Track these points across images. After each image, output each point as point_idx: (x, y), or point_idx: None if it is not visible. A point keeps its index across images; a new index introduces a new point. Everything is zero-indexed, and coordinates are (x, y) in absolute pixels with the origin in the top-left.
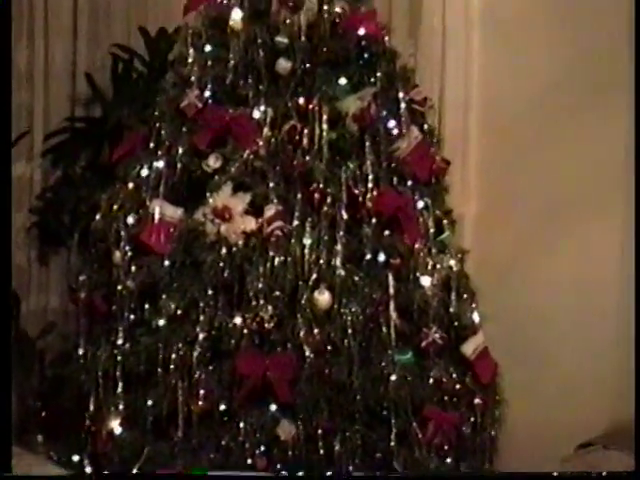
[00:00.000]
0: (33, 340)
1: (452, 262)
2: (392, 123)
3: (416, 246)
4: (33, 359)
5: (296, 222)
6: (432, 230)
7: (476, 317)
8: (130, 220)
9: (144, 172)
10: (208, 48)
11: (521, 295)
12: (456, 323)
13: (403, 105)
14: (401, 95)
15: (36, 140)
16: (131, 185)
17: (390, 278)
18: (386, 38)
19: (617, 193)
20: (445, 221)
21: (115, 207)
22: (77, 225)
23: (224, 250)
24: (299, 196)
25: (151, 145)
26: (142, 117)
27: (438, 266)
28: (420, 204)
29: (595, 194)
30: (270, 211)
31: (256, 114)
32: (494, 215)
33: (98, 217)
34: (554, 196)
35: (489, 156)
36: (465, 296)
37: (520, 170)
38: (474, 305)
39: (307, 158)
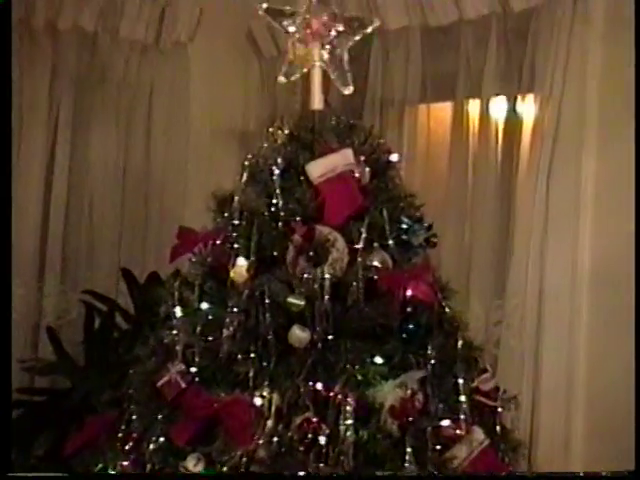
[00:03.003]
0: None
1: None
2: (446, 422)
3: None
4: None
5: None
6: None
7: None
8: None
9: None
10: (202, 306)
11: None
12: None
13: (463, 397)
14: (461, 382)
15: None
16: None
17: None
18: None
19: None
20: None
21: None
22: None
23: None
24: None
25: (119, 435)
26: (115, 394)
27: None
28: None
29: None
30: None
31: (257, 401)
32: None
33: None
34: None
35: None
36: None
37: None
38: None
39: (322, 465)
